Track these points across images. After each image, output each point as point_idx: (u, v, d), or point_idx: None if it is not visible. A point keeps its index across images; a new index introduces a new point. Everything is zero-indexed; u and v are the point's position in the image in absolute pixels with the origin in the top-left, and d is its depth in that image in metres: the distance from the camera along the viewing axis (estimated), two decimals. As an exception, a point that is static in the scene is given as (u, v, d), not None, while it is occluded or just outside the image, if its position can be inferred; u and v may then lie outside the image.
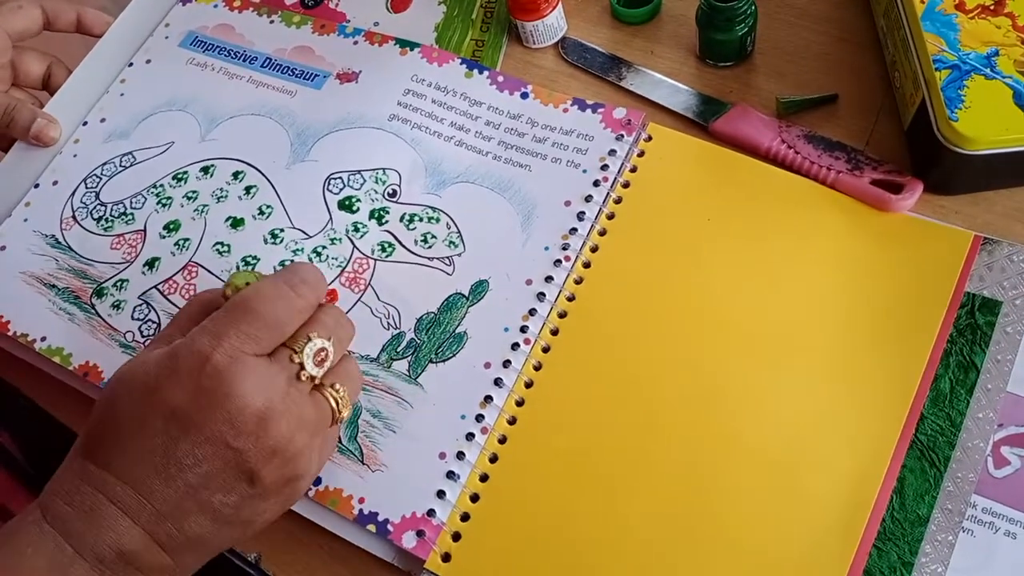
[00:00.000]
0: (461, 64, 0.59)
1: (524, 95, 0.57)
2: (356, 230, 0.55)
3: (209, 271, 0.55)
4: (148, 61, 0.65)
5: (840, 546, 0.43)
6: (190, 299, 0.45)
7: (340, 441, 0.49)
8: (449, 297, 0.52)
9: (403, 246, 0.54)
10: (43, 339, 0.54)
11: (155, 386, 0.39)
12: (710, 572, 0.43)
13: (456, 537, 0.46)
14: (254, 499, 0.40)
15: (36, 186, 0.60)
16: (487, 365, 0.49)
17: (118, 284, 0.55)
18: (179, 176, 0.59)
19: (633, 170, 0.54)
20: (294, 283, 0.42)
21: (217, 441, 0.38)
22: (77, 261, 0.57)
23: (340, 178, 0.56)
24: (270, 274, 0.43)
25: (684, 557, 0.44)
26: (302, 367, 0.41)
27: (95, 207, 0.58)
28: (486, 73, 0.59)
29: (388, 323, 0.52)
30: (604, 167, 0.53)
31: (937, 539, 0.43)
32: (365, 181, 0.56)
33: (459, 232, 0.54)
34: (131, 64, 0.65)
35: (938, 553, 0.43)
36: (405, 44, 0.61)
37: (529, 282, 0.51)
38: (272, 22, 0.64)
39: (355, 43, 0.62)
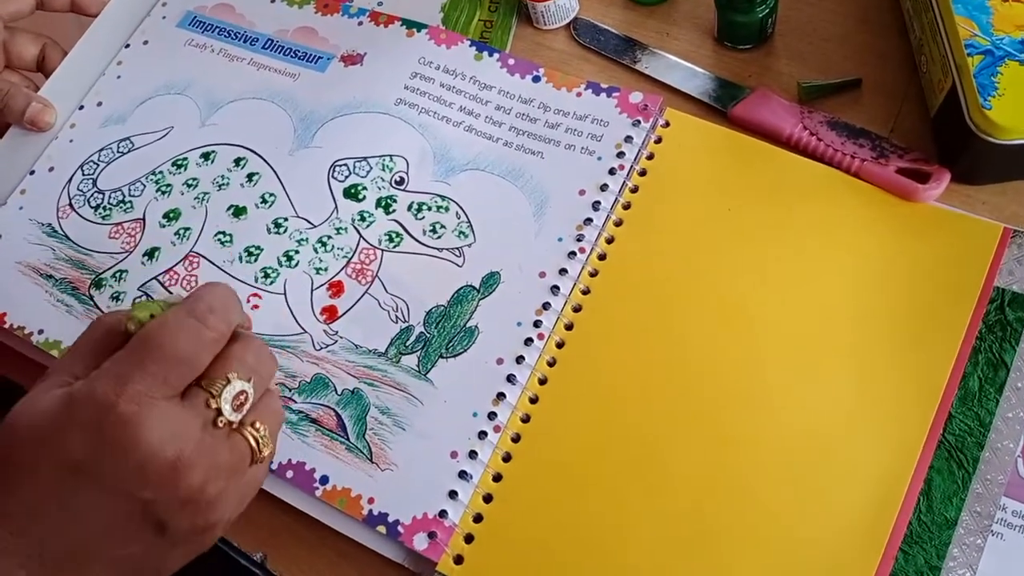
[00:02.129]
0: (470, 46, 0.57)
1: (536, 78, 0.55)
2: (362, 219, 0.53)
3: (211, 261, 0.53)
4: (145, 42, 0.63)
5: (866, 549, 0.42)
6: (92, 323, 0.40)
7: (348, 439, 0.47)
8: (459, 290, 0.50)
9: (411, 236, 0.52)
10: (40, 332, 0.52)
11: (51, 436, 0.35)
12: (734, 573, 0.42)
13: (468, 539, 0.45)
14: (161, 549, 0.37)
15: (31, 173, 0.58)
16: (499, 361, 0.48)
17: (117, 275, 0.54)
18: (179, 162, 0.57)
19: (650, 157, 0.52)
20: (201, 313, 0.38)
21: (121, 493, 0.35)
22: (75, 251, 0.55)
23: (346, 165, 0.54)
24: (174, 305, 0.39)
25: (705, 560, 0.43)
26: (219, 412, 0.37)
27: (92, 195, 0.57)
28: (496, 55, 0.57)
29: (396, 316, 0.50)
30: (620, 154, 0.52)
31: (965, 543, 0.42)
32: (371, 168, 0.54)
33: (469, 222, 0.52)
34: (128, 45, 0.63)
35: (966, 557, 0.41)
36: (412, 25, 0.59)
37: (542, 274, 0.50)
38: (273, 1, 0.62)
39: (359, 24, 0.60)
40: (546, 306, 0.49)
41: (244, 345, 0.39)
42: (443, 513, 0.45)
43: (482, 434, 0.46)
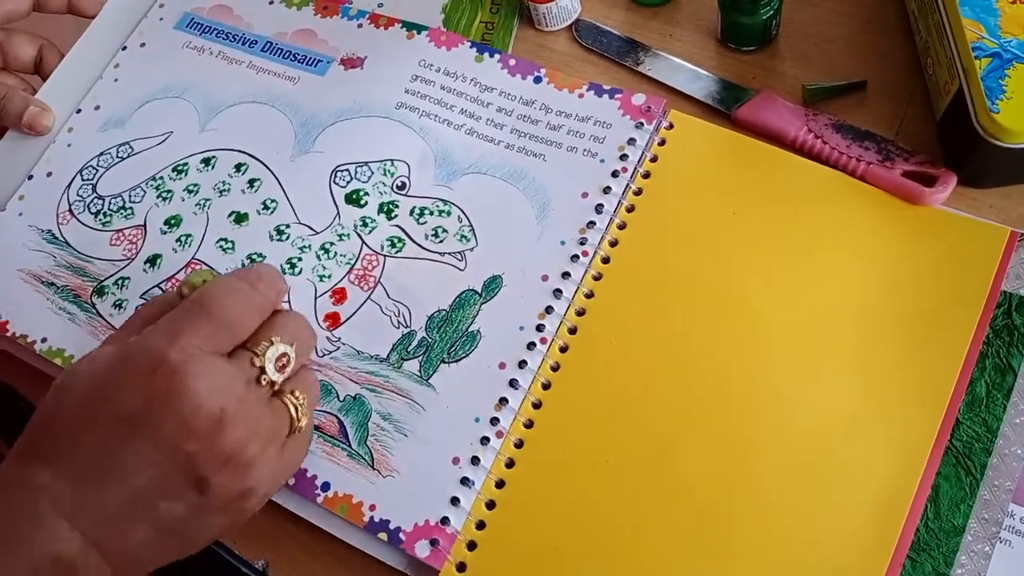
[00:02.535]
0: (471, 48, 0.57)
1: (537, 79, 0.55)
2: (364, 225, 0.52)
3: (213, 269, 0.52)
4: (143, 45, 0.62)
5: (873, 555, 0.41)
6: (147, 301, 0.43)
7: (350, 446, 0.47)
8: (461, 294, 0.50)
9: (413, 241, 0.52)
10: (43, 340, 0.52)
11: (104, 386, 0.37)
12: (737, 584, 0.42)
13: (471, 546, 0.44)
14: (202, 511, 0.38)
15: (30, 177, 0.58)
16: (502, 366, 0.48)
17: (119, 282, 0.53)
18: (179, 168, 0.56)
19: (654, 160, 0.52)
20: (251, 280, 0.41)
21: (168, 444, 0.36)
22: (75, 258, 0.54)
23: (347, 170, 0.54)
24: (228, 273, 0.42)
25: (711, 566, 0.42)
26: (263, 371, 0.39)
27: (92, 200, 0.56)
28: (497, 57, 0.56)
29: (398, 322, 0.50)
30: (623, 156, 0.51)
31: (973, 550, 0.41)
32: (373, 173, 0.54)
33: (471, 226, 0.52)
34: (125, 48, 0.62)
35: (974, 564, 0.41)
36: (412, 27, 0.58)
37: (545, 278, 0.49)
38: (272, 3, 0.62)
39: (359, 26, 0.59)
40: (549, 310, 0.48)
41: (286, 315, 0.42)
42: (445, 520, 0.45)
43: (484, 440, 0.46)
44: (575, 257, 0.49)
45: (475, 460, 0.46)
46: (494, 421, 0.46)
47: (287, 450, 0.42)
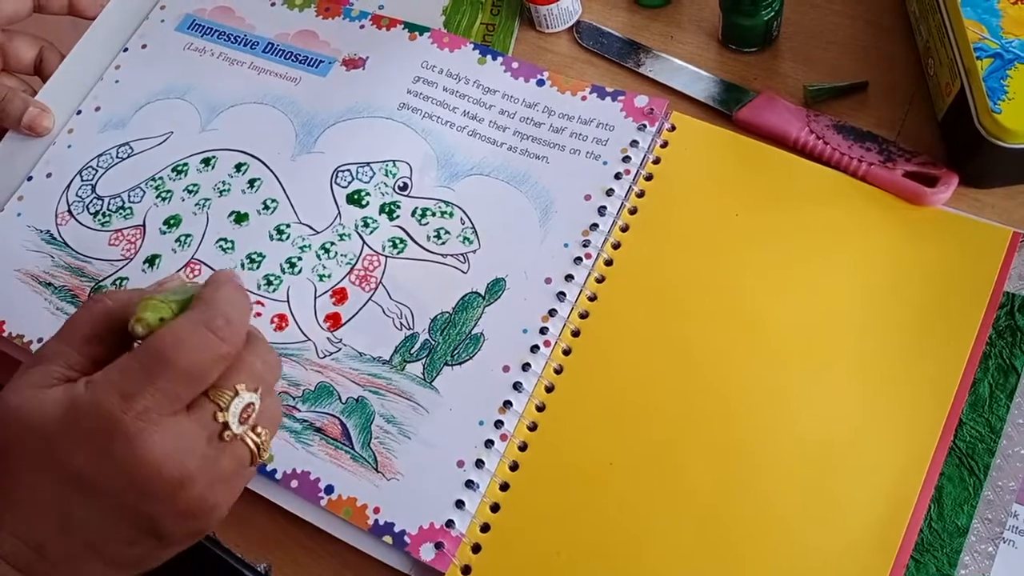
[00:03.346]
0: (473, 50, 0.57)
1: (540, 82, 0.55)
2: (366, 225, 0.52)
3: (213, 269, 0.52)
4: (144, 46, 0.62)
5: (877, 557, 0.41)
6: (88, 302, 0.38)
7: (353, 448, 0.47)
8: (464, 296, 0.50)
9: (415, 242, 0.52)
10: (40, 340, 0.52)
11: (53, 442, 0.34)
12: (742, 585, 0.42)
13: (476, 549, 0.44)
14: (159, 549, 0.37)
15: (29, 178, 0.58)
16: (505, 368, 0.47)
17: (117, 282, 0.53)
18: (179, 168, 0.56)
19: (656, 162, 0.52)
20: (216, 325, 0.36)
21: (124, 507, 0.35)
22: (74, 258, 0.54)
23: (348, 170, 0.54)
24: (186, 306, 0.37)
25: (714, 569, 0.42)
26: (226, 426, 0.36)
27: (91, 201, 0.56)
28: (500, 59, 0.56)
29: (401, 323, 0.50)
30: (626, 159, 0.51)
31: (977, 550, 0.41)
32: (375, 174, 0.54)
33: (474, 227, 0.52)
34: (126, 49, 0.62)
35: (978, 565, 0.41)
36: (414, 28, 0.58)
37: (548, 281, 0.49)
38: (274, 4, 0.62)
39: (361, 27, 0.59)
40: (552, 313, 0.48)
41: (254, 351, 0.38)
42: (450, 523, 0.44)
43: (489, 443, 0.46)
44: (578, 259, 0.49)
45: (479, 463, 0.45)
46: (498, 424, 0.46)
47: (244, 476, 0.39)
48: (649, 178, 0.51)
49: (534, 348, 0.48)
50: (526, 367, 0.47)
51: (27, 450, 0.34)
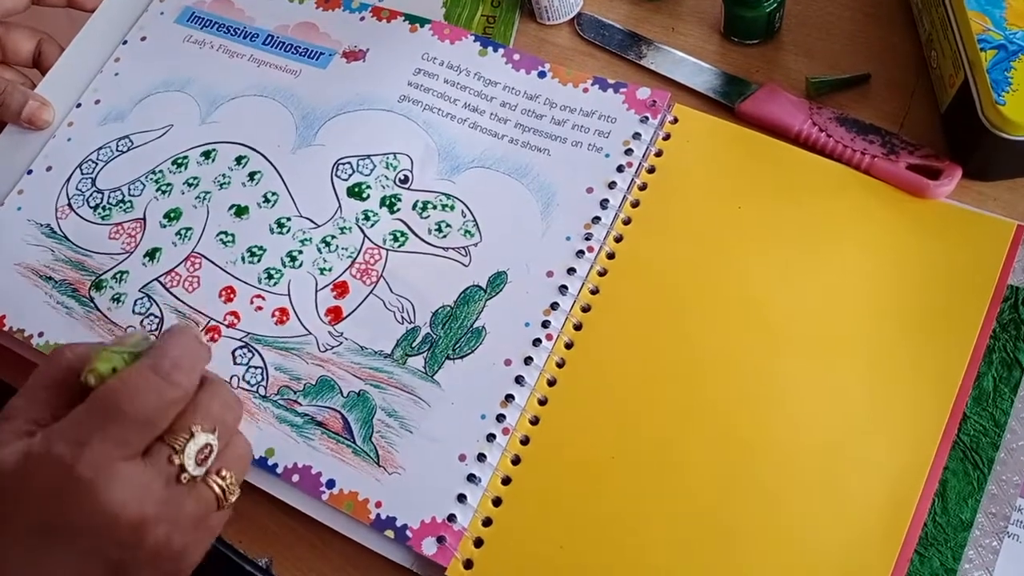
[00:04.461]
0: (474, 41, 0.56)
1: (541, 74, 0.55)
2: (367, 218, 0.52)
3: (213, 262, 0.52)
4: (143, 38, 0.62)
5: (881, 551, 0.41)
6: (50, 356, 0.39)
7: (355, 442, 0.47)
8: (466, 290, 0.50)
9: (416, 235, 0.51)
10: (40, 335, 0.51)
11: (13, 499, 0.34)
12: (745, 579, 0.42)
13: (478, 543, 0.44)
14: None
15: (29, 172, 0.57)
16: (507, 362, 0.47)
17: (118, 276, 0.53)
18: (179, 161, 0.56)
19: (658, 154, 0.51)
20: (165, 370, 0.36)
21: (89, 552, 0.35)
22: (74, 252, 0.54)
23: (349, 163, 0.54)
24: (140, 360, 0.37)
25: (718, 560, 0.42)
26: (182, 468, 0.36)
27: (91, 194, 0.56)
28: (501, 51, 0.56)
29: (402, 317, 0.49)
30: (628, 151, 0.51)
31: (981, 544, 0.41)
32: (375, 167, 0.53)
33: (475, 220, 0.51)
34: (125, 42, 0.62)
35: (982, 559, 0.41)
36: (415, 20, 0.58)
37: (550, 274, 0.49)
38: (273, -4, 0.61)
39: (361, 19, 0.59)
40: (554, 306, 0.48)
41: (210, 393, 0.38)
42: (452, 517, 0.44)
43: (491, 436, 0.46)
44: (580, 253, 0.49)
45: (481, 457, 0.45)
46: (500, 418, 0.46)
47: (213, 522, 0.39)
48: (651, 171, 0.51)
49: (536, 341, 0.47)
50: (528, 360, 0.47)
51: None
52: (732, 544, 0.42)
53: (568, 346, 0.48)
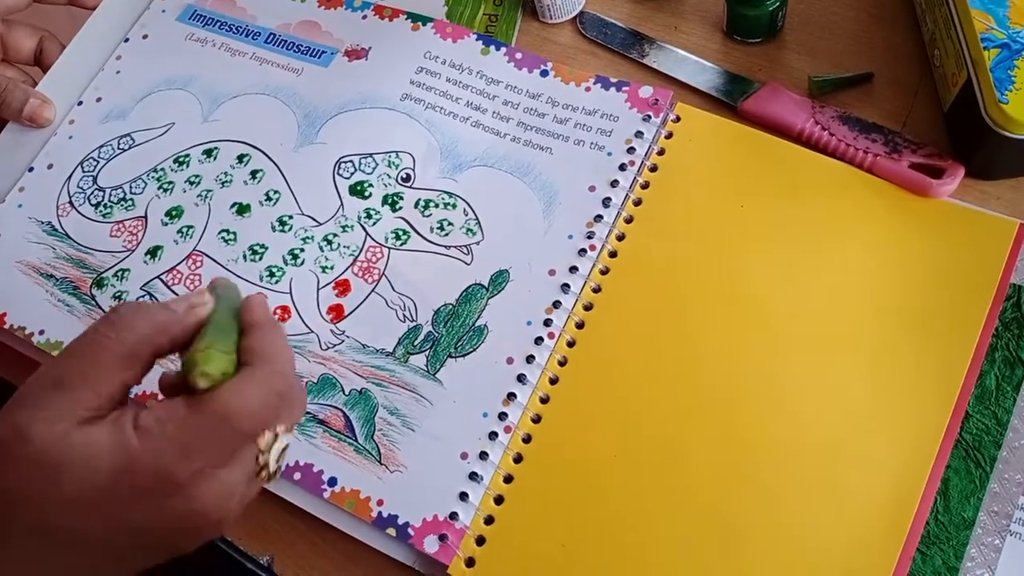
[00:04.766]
0: (477, 40, 0.56)
1: (544, 73, 0.55)
2: (368, 217, 0.52)
3: (215, 260, 0.52)
4: (145, 36, 0.62)
5: (883, 549, 0.41)
6: (118, 324, 0.35)
7: (356, 440, 0.47)
8: (468, 288, 0.49)
9: (418, 234, 0.51)
10: (41, 332, 0.51)
11: (111, 501, 0.33)
12: (749, 574, 0.42)
13: (480, 541, 0.44)
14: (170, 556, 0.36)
15: (30, 170, 0.57)
16: (509, 360, 0.47)
17: (119, 274, 0.53)
18: (181, 159, 0.56)
19: (661, 153, 0.51)
20: (281, 392, 0.35)
21: (166, 546, 0.35)
22: (75, 249, 0.54)
23: (351, 162, 0.54)
24: (251, 370, 0.35)
25: (722, 559, 0.42)
26: (264, 467, 0.36)
27: (93, 192, 0.56)
28: (503, 49, 0.56)
29: (404, 315, 0.49)
30: (631, 150, 0.51)
31: (983, 543, 0.41)
32: (377, 165, 0.53)
33: (477, 219, 0.51)
34: (127, 40, 0.62)
35: (984, 558, 0.41)
36: (417, 18, 0.58)
37: (552, 272, 0.49)
38: (274, -6, 0.61)
39: (363, 17, 0.59)
40: (556, 304, 0.48)
41: (298, 394, 0.38)
42: (454, 515, 0.44)
43: (492, 435, 0.46)
44: (582, 251, 0.49)
45: (483, 455, 0.45)
46: (502, 416, 0.46)
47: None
48: (654, 169, 0.51)
49: (538, 340, 0.47)
50: (530, 359, 0.47)
51: (80, 504, 0.32)
52: (734, 543, 0.42)
53: (570, 344, 0.48)
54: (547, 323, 0.48)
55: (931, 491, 0.42)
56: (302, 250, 0.52)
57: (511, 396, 0.46)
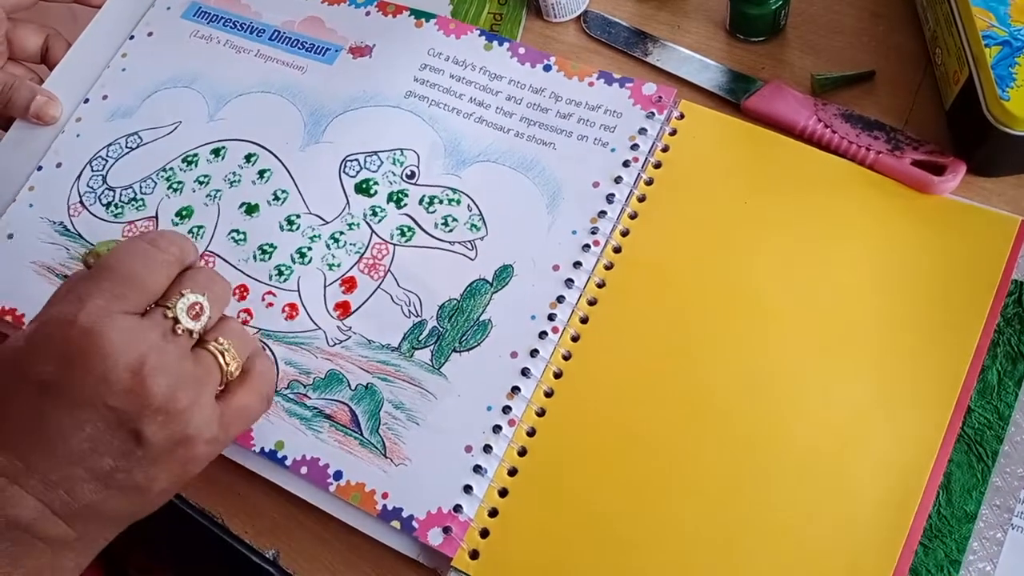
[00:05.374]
0: (480, 36, 0.57)
1: (547, 67, 0.55)
2: (374, 214, 0.52)
3: (227, 261, 0.52)
4: (150, 34, 0.62)
5: (886, 543, 0.41)
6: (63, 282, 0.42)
7: (362, 434, 0.47)
8: (472, 283, 0.50)
9: (423, 230, 0.52)
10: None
11: (21, 358, 0.37)
12: (752, 569, 0.42)
13: (484, 534, 0.44)
14: (144, 462, 0.38)
15: (39, 168, 0.58)
16: (514, 355, 0.48)
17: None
18: (189, 159, 0.56)
19: (665, 149, 0.52)
20: (151, 238, 0.41)
21: (94, 403, 0.36)
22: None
23: (356, 160, 0.54)
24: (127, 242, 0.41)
25: (724, 553, 0.42)
26: (176, 321, 0.39)
27: (103, 192, 0.56)
28: (506, 45, 0.56)
29: (409, 311, 0.50)
30: (634, 146, 0.51)
31: (985, 536, 0.42)
32: (382, 163, 0.54)
33: (481, 215, 0.52)
34: (132, 37, 0.62)
35: (986, 551, 0.41)
36: (421, 15, 0.58)
37: (556, 268, 0.49)
38: (279, -10, 0.61)
39: (367, 14, 0.59)
40: (560, 299, 0.48)
41: (196, 269, 0.42)
42: (458, 508, 0.45)
43: (497, 428, 0.46)
44: (586, 247, 0.49)
45: (487, 448, 0.46)
46: (506, 410, 0.46)
47: (234, 399, 0.41)
48: (658, 165, 0.51)
49: (542, 334, 0.48)
50: (534, 353, 0.47)
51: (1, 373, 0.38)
52: (738, 535, 0.43)
53: (574, 339, 0.48)
54: (551, 318, 0.48)
55: (933, 485, 0.42)
56: (309, 248, 0.52)
57: (515, 390, 0.47)
